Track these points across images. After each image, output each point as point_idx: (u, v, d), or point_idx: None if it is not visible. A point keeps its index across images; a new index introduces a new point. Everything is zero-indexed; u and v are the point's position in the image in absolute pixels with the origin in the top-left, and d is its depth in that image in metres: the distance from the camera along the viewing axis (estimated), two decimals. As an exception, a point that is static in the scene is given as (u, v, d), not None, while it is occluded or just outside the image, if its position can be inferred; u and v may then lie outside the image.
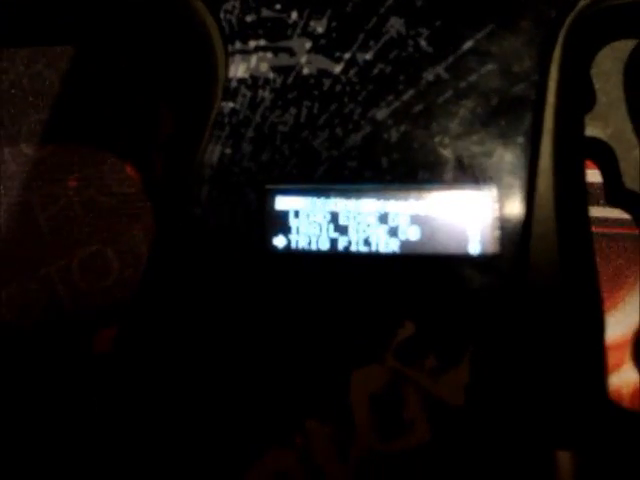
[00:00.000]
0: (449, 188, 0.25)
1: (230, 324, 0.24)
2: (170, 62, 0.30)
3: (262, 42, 0.26)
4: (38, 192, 0.35)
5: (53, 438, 0.30)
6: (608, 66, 0.28)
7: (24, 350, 0.33)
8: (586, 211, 0.27)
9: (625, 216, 0.30)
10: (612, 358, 0.30)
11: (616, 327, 0.32)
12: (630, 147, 0.27)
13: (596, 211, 0.32)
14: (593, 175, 0.29)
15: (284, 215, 0.25)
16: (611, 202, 0.29)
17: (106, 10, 0.29)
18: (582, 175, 0.27)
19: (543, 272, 0.24)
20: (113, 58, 0.34)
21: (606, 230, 0.33)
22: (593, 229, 0.29)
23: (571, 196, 0.26)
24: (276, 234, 0.25)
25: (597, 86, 0.28)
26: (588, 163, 0.28)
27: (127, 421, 0.25)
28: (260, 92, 0.26)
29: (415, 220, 0.25)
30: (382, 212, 0.25)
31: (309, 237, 0.25)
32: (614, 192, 0.28)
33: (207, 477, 0.24)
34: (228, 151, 0.25)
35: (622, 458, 0.25)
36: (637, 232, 0.30)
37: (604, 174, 0.28)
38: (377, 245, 0.25)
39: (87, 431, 0.26)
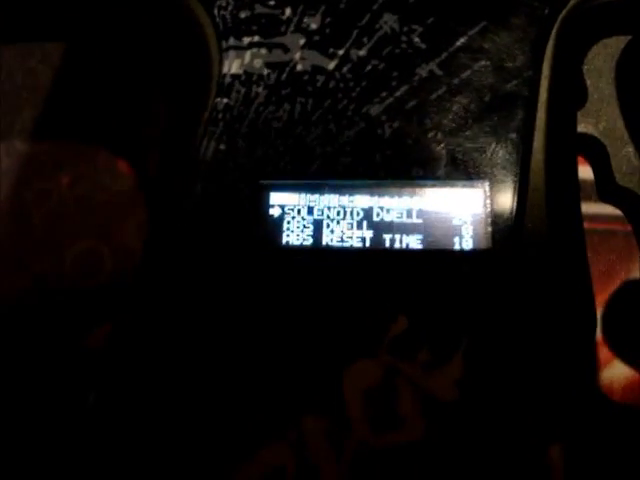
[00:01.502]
0: (442, 184, 0.25)
1: (225, 319, 0.25)
2: (164, 58, 0.30)
3: (256, 38, 0.26)
4: (31, 188, 0.34)
5: (46, 436, 0.30)
6: (600, 63, 0.28)
7: (18, 347, 0.33)
8: (578, 206, 0.27)
9: (617, 212, 0.30)
10: (603, 353, 0.31)
11: (607, 322, 0.33)
12: (622, 143, 0.28)
13: (588, 207, 0.32)
14: (586, 172, 0.29)
15: (279, 210, 0.25)
16: (603, 198, 0.29)
17: (100, 6, 0.29)
18: (574, 171, 0.27)
19: (535, 267, 0.25)
20: (107, 54, 0.34)
21: (598, 226, 0.33)
22: (585, 225, 0.29)
23: (563, 192, 0.26)
24: (270, 229, 0.25)
25: (589, 82, 0.28)
26: (580, 159, 0.29)
27: (123, 417, 0.25)
28: (254, 88, 0.26)
29: (408, 215, 0.25)
30: (376, 207, 0.25)
31: (303, 232, 0.25)
32: (606, 188, 0.28)
33: (204, 471, 0.24)
34: (222, 147, 0.25)
35: (612, 451, 0.25)
36: (628, 228, 0.30)
37: (596, 170, 0.28)
38: (371, 240, 0.25)
39: (81, 427, 0.26)
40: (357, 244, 0.25)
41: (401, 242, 0.25)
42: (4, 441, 0.30)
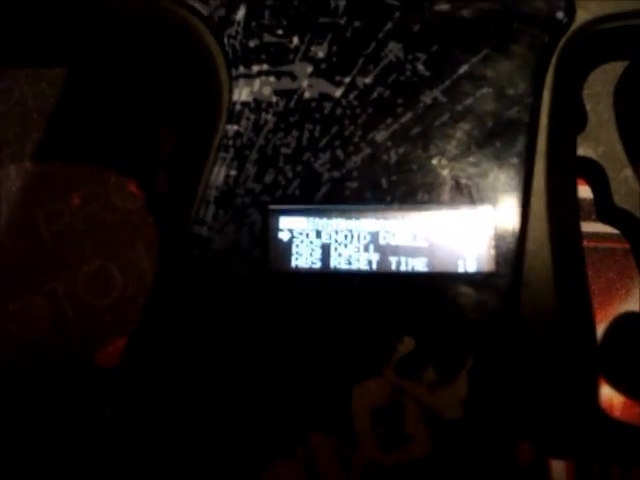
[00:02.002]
0: (446, 208, 0.26)
1: (234, 341, 0.25)
2: (175, 84, 0.31)
3: (265, 66, 0.27)
4: (43, 208, 0.35)
5: (55, 452, 0.31)
6: (599, 88, 0.29)
7: (29, 364, 0.33)
8: (578, 228, 0.28)
9: (616, 231, 0.30)
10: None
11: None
12: (620, 166, 0.28)
13: (588, 226, 0.33)
14: (585, 191, 0.30)
15: (287, 234, 0.26)
16: (602, 219, 0.29)
17: (113, 33, 0.29)
18: (574, 193, 0.28)
19: (537, 288, 0.25)
20: (119, 78, 0.35)
21: (598, 244, 0.34)
22: (585, 243, 0.30)
23: (564, 214, 0.27)
24: (280, 253, 0.26)
25: (588, 107, 0.29)
26: (580, 180, 0.29)
27: (132, 435, 0.25)
28: (263, 115, 0.26)
29: (414, 239, 0.26)
30: (382, 231, 0.26)
31: (311, 256, 0.26)
32: (605, 210, 0.29)
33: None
34: (233, 172, 0.26)
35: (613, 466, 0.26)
36: (628, 246, 0.30)
37: (595, 192, 0.29)
38: (377, 263, 0.25)
39: (90, 443, 0.26)
40: (364, 267, 0.25)
41: (407, 265, 0.25)
42: (14, 458, 0.31)
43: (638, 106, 0.30)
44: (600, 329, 0.33)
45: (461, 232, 0.26)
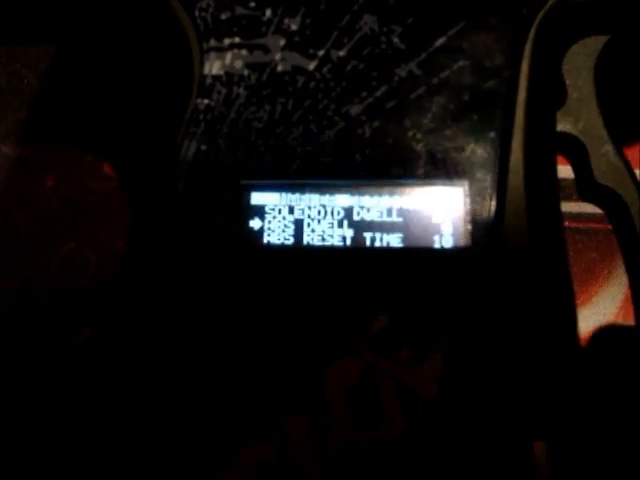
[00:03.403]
0: (422, 183, 0.25)
1: (207, 318, 0.25)
2: (146, 59, 0.30)
3: (237, 39, 0.26)
4: (16, 191, 0.35)
5: (34, 436, 0.30)
6: (579, 62, 0.28)
7: (4, 349, 0.33)
8: (558, 205, 0.27)
9: (598, 211, 0.30)
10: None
11: (589, 320, 0.33)
12: (601, 142, 0.28)
13: (569, 206, 0.33)
14: (566, 171, 0.30)
15: (259, 210, 0.25)
16: (583, 196, 0.29)
17: (82, 8, 0.29)
18: (553, 170, 0.27)
19: (515, 265, 0.25)
20: (88, 55, 0.34)
21: (579, 225, 0.33)
22: (567, 224, 0.30)
23: (542, 190, 0.26)
24: (252, 228, 0.25)
25: (568, 82, 0.28)
26: (561, 159, 0.29)
27: (108, 417, 0.25)
28: (235, 89, 0.26)
29: (389, 214, 0.25)
30: (356, 207, 0.25)
31: (284, 232, 0.25)
32: (585, 187, 0.28)
33: (189, 471, 0.24)
34: (204, 147, 0.25)
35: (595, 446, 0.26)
36: (609, 226, 0.30)
37: (575, 169, 0.29)
38: (351, 239, 0.25)
39: (68, 428, 0.26)
40: (338, 243, 0.25)
41: (381, 241, 0.25)
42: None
43: (619, 81, 0.30)
44: (582, 310, 0.33)
45: (437, 207, 0.25)
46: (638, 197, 0.27)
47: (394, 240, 0.25)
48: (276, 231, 0.25)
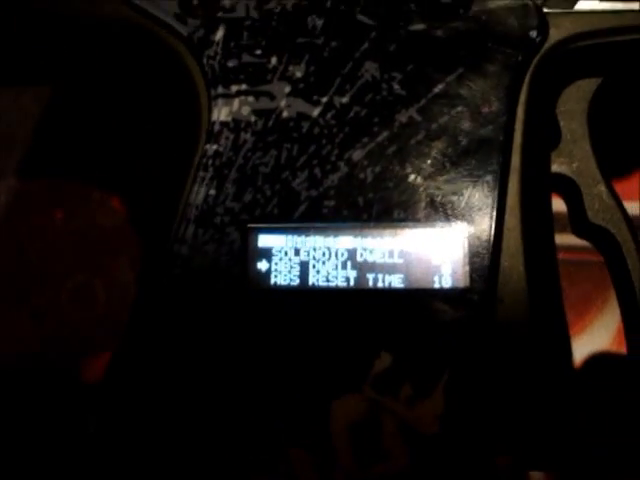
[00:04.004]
0: (422, 225, 0.26)
1: (215, 359, 0.26)
2: (156, 103, 0.31)
3: (243, 86, 0.27)
4: (26, 224, 0.35)
5: (42, 470, 0.31)
6: (572, 104, 0.29)
7: (13, 380, 0.33)
8: (553, 244, 0.28)
9: (591, 244, 0.31)
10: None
11: (584, 349, 0.34)
12: (594, 182, 0.29)
13: (564, 238, 0.33)
14: (561, 204, 0.31)
15: (267, 252, 0.26)
16: (577, 234, 0.30)
17: (95, 53, 0.30)
18: (549, 209, 0.28)
19: (511, 303, 0.26)
20: (100, 94, 0.35)
21: (573, 257, 0.34)
22: (561, 255, 0.31)
23: (538, 230, 0.27)
24: (259, 271, 0.26)
25: (562, 124, 0.29)
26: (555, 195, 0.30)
27: (116, 449, 0.26)
28: (242, 135, 0.27)
29: (390, 256, 0.26)
30: (359, 248, 0.26)
31: (290, 273, 0.26)
32: (579, 225, 0.29)
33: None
34: (212, 192, 0.26)
35: None
36: (603, 259, 0.31)
37: (569, 208, 0.30)
38: (355, 280, 0.26)
39: (77, 460, 0.26)
40: (342, 284, 0.26)
41: (384, 281, 0.26)
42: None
43: (611, 122, 0.31)
44: (577, 340, 0.34)
45: (436, 249, 0.26)
46: (630, 236, 0.28)
47: (395, 281, 0.26)
48: (283, 272, 0.26)
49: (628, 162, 0.35)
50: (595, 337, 0.34)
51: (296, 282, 0.26)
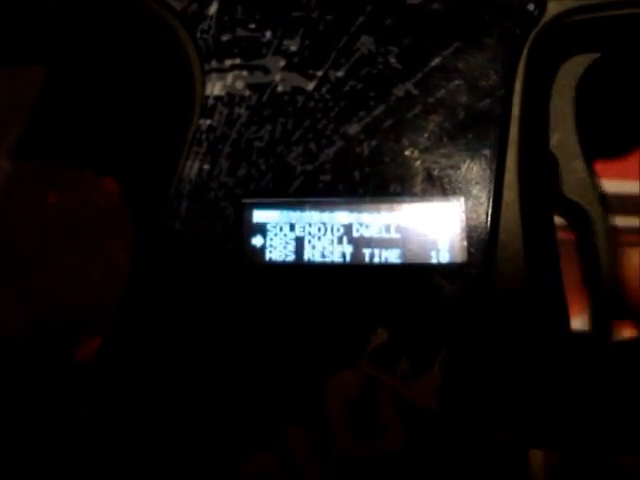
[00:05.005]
0: (419, 200, 0.26)
1: (209, 334, 0.25)
2: (149, 79, 0.31)
3: (238, 60, 0.27)
4: (19, 207, 0.35)
5: (36, 451, 0.31)
6: (560, 80, 0.29)
7: (6, 362, 0.33)
8: (552, 218, 0.28)
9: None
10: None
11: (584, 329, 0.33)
12: (572, 157, 0.28)
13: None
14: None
15: (261, 228, 0.26)
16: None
17: (84, 29, 0.29)
18: (547, 184, 0.28)
19: (510, 278, 0.25)
20: (92, 74, 0.35)
21: (573, 236, 0.34)
22: (560, 235, 0.30)
23: (536, 205, 0.27)
24: (254, 246, 0.26)
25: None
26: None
27: (110, 430, 0.25)
28: (236, 109, 0.26)
29: (387, 231, 0.26)
30: (355, 224, 0.26)
31: (285, 249, 0.26)
32: (554, 199, 0.29)
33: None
34: (206, 167, 0.26)
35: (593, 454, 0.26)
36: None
37: (549, 183, 0.29)
38: (351, 255, 0.26)
39: (72, 441, 0.26)
40: (338, 259, 0.26)
41: (380, 257, 0.26)
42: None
43: (610, 101, 0.31)
44: (576, 320, 0.34)
45: (434, 223, 0.26)
46: (603, 214, 0.28)
47: (392, 256, 0.26)
48: (277, 248, 0.26)
49: (628, 141, 0.35)
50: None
51: (291, 258, 0.26)
